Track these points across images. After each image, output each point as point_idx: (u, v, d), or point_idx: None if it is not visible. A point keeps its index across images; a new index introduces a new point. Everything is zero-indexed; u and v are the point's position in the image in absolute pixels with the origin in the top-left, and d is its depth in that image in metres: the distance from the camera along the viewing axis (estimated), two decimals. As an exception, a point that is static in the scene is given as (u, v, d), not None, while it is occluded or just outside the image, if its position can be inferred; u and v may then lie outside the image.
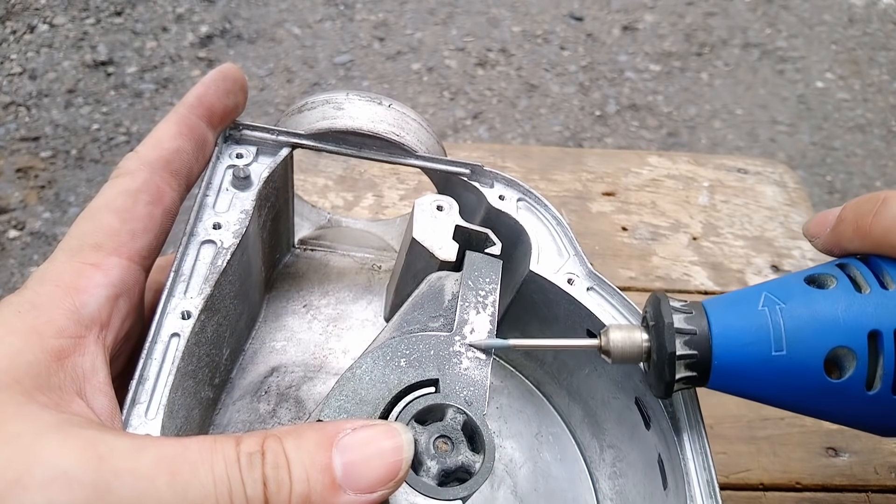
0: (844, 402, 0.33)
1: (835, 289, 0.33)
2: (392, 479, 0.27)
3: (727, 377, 0.34)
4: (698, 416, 0.37)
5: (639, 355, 0.35)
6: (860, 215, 0.35)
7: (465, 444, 0.32)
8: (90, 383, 0.29)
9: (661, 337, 0.34)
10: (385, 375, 0.33)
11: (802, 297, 0.33)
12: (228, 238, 0.36)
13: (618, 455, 0.42)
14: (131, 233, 0.32)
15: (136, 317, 0.33)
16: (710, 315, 0.34)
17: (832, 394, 0.33)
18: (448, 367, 0.34)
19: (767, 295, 0.34)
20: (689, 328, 0.33)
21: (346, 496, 0.25)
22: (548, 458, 0.44)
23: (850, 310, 0.32)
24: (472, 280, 0.37)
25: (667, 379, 0.34)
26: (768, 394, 0.34)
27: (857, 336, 0.32)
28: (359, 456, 0.26)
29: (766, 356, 0.33)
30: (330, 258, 0.49)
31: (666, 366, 0.33)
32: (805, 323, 0.33)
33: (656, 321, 0.34)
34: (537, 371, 0.46)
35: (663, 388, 0.34)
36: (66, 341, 0.28)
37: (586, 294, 0.39)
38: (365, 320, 0.46)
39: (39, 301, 0.29)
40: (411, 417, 0.32)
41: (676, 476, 0.36)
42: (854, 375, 0.32)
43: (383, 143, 0.40)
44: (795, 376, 0.33)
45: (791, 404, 0.34)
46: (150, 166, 0.34)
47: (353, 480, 0.26)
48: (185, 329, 0.33)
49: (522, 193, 0.42)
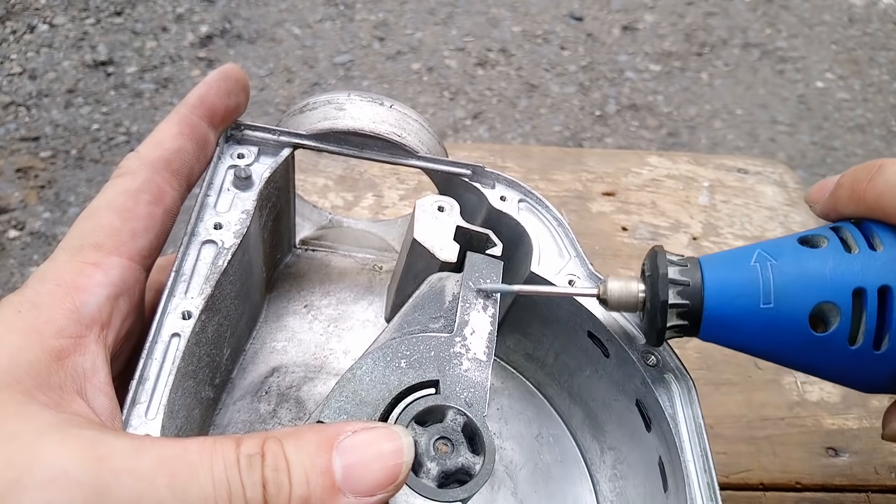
0: (828, 356, 0.34)
1: (825, 248, 0.35)
2: (392, 482, 0.26)
3: (717, 327, 0.35)
4: (699, 418, 0.37)
5: (635, 304, 0.36)
6: (856, 181, 0.36)
7: (465, 446, 0.32)
8: (90, 383, 0.29)
9: (656, 286, 0.35)
10: (385, 376, 0.33)
11: (793, 254, 0.35)
12: (229, 238, 0.36)
13: (618, 457, 0.42)
14: (132, 232, 0.32)
15: (136, 316, 0.33)
16: (703, 268, 0.35)
17: (816, 347, 0.34)
18: (448, 368, 0.34)
19: (760, 252, 0.35)
20: (682, 279, 0.35)
21: (346, 499, 0.25)
22: (548, 460, 0.44)
23: (838, 268, 0.34)
24: (472, 281, 0.37)
25: (658, 326, 0.35)
26: (756, 345, 0.35)
27: (842, 292, 0.33)
28: (359, 458, 0.26)
29: (755, 308, 0.34)
30: (331, 258, 0.49)
31: (658, 313, 0.35)
32: (793, 278, 0.34)
33: (652, 272, 0.36)
34: (538, 372, 0.46)
35: (655, 336, 0.36)
36: (66, 341, 0.28)
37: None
38: (366, 321, 0.46)
39: (40, 300, 0.29)
40: (411, 419, 0.32)
41: (677, 478, 0.36)
42: (838, 330, 0.33)
43: (385, 144, 0.40)
44: (782, 329, 0.34)
45: (778, 356, 0.36)
46: (151, 166, 0.34)
47: (352, 483, 0.26)
48: (185, 329, 0.33)
49: (524, 194, 0.42)
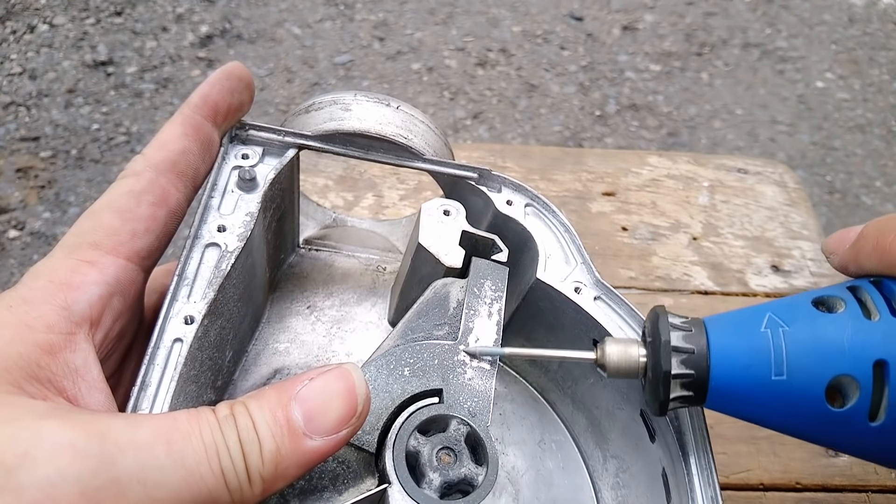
0: (846, 432, 0.32)
1: (842, 313, 0.32)
2: (351, 415, 0.28)
3: (725, 399, 0.33)
4: (704, 431, 0.36)
5: (635, 371, 0.34)
6: (882, 233, 0.34)
7: (468, 456, 0.32)
8: (84, 380, 0.29)
9: (658, 354, 0.33)
10: (388, 385, 0.33)
11: (808, 320, 0.32)
12: (233, 241, 0.35)
13: (621, 466, 0.42)
14: (132, 233, 0.32)
15: (130, 316, 0.33)
16: (709, 334, 0.33)
17: (833, 422, 0.31)
18: (452, 376, 0.34)
19: (771, 316, 0.33)
20: (686, 346, 0.32)
21: (313, 441, 0.28)
22: (550, 467, 0.43)
23: (857, 337, 0.31)
24: (477, 287, 0.37)
25: (661, 398, 0.33)
26: (767, 418, 0.33)
27: (861, 365, 0.31)
28: (316, 403, 0.28)
29: (766, 380, 0.31)
30: (335, 259, 0.49)
31: (661, 384, 0.33)
32: (808, 348, 0.31)
33: (653, 338, 0.33)
34: (541, 378, 0.46)
35: (657, 407, 0.34)
36: (55, 337, 0.29)
37: (593, 303, 0.39)
38: (369, 322, 0.46)
39: (31, 297, 0.29)
40: (414, 428, 0.32)
41: (680, 491, 0.35)
42: (857, 405, 0.31)
43: (391, 146, 0.40)
44: (795, 402, 0.32)
45: (791, 430, 0.33)
46: (156, 168, 0.34)
47: (315, 426, 0.28)
48: (188, 334, 0.32)
49: (530, 199, 0.41)
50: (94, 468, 0.24)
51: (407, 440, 0.32)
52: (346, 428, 0.28)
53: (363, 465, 0.32)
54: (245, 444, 0.27)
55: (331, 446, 0.28)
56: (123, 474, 0.24)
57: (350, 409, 0.28)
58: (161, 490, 0.25)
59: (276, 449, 0.27)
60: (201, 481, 0.26)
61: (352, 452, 0.32)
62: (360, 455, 0.32)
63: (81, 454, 0.24)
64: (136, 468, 0.25)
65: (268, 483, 0.27)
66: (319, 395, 0.28)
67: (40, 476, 0.23)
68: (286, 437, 0.27)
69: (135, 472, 0.25)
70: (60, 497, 0.23)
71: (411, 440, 0.32)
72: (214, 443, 0.26)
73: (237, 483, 0.26)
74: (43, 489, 0.23)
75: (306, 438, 0.27)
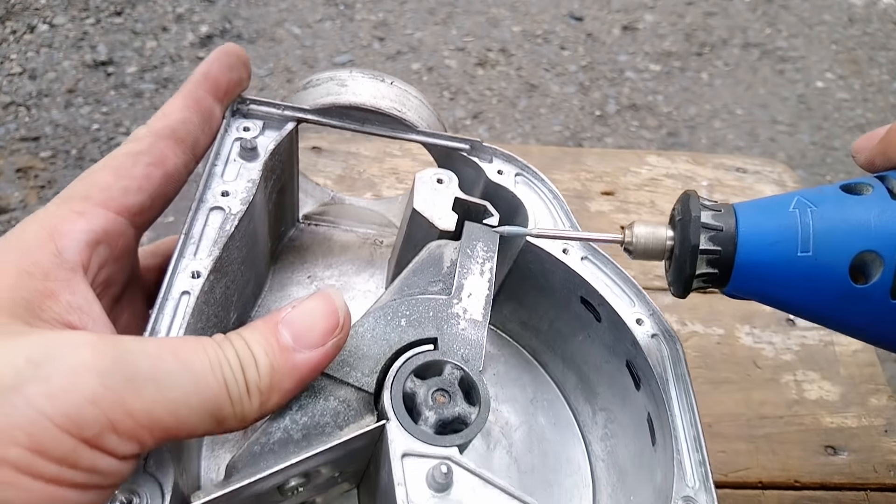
0: (867, 310, 0.32)
1: (870, 195, 0.33)
2: (335, 328, 0.31)
3: (749, 277, 0.33)
4: (686, 377, 0.38)
5: (661, 251, 0.34)
6: None
7: (461, 397, 0.34)
8: (88, 316, 0.31)
9: (686, 230, 0.33)
10: (386, 333, 0.35)
11: (836, 201, 0.33)
12: (236, 205, 0.37)
13: (609, 417, 0.43)
14: (124, 189, 0.34)
15: (117, 267, 0.35)
16: (738, 214, 0.33)
17: (855, 300, 0.32)
18: (446, 327, 0.36)
19: (800, 198, 0.33)
20: (715, 224, 0.33)
21: (303, 354, 0.30)
22: (542, 422, 0.45)
23: (883, 216, 0.31)
24: (470, 248, 0.39)
25: (687, 272, 0.33)
26: (790, 297, 0.33)
27: (886, 241, 0.31)
28: (303, 323, 0.31)
29: (792, 256, 0.32)
30: (333, 233, 0.51)
31: (688, 259, 0.33)
32: (834, 225, 0.32)
33: (683, 216, 0.34)
34: (533, 340, 0.48)
35: (682, 284, 0.34)
36: (53, 283, 0.30)
37: (581, 263, 0.41)
38: (367, 291, 0.48)
39: (25, 242, 0.31)
40: (411, 372, 0.34)
41: (665, 432, 0.37)
42: (880, 281, 0.31)
43: (386, 119, 0.41)
44: (819, 279, 0.32)
45: (812, 310, 0.34)
46: (156, 133, 0.36)
47: (303, 341, 0.30)
48: (195, 287, 0.35)
49: (520, 168, 0.43)
50: (112, 364, 0.26)
51: (404, 382, 0.34)
52: (332, 339, 0.31)
53: (363, 404, 0.34)
54: (242, 359, 0.29)
55: (319, 359, 0.30)
56: (139, 373, 0.26)
57: (333, 322, 0.31)
58: (173, 390, 0.27)
59: (270, 364, 0.29)
60: (207, 388, 0.28)
61: (352, 392, 0.34)
62: (360, 395, 0.34)
63: (99, 352, 0.26)
64: (150, 369, 0.27)
65: (265, 395, 0.29)
66: (304, 315, 0.31)
67: (65, 365, 0.26)
68: (277, 354, 0.30)
69: (149, 372, 0.27)
70: (84, 385, 0.25)
71: (408, 382, 0.34)
72: (217, 357, 0.28)
73: (238, 394, 0.28)
74: (68, 377, 0.25)
75: (296, 353, 0.30)
